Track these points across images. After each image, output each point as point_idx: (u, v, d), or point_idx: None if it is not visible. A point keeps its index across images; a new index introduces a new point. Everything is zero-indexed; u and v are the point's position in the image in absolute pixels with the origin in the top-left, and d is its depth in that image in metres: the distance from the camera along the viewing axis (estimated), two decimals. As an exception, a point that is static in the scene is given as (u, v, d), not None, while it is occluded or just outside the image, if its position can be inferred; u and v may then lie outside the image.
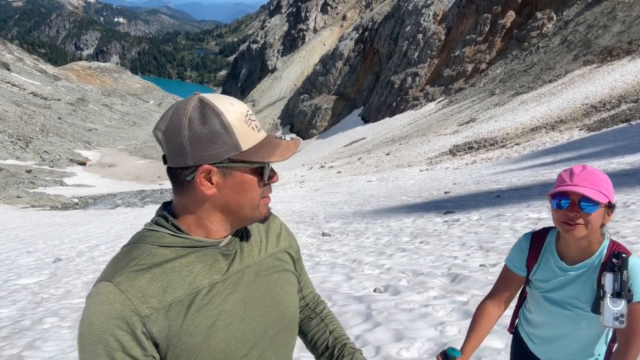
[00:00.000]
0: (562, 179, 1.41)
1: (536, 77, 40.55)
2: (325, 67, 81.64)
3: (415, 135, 42.73)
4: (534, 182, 14.39)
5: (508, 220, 8.68)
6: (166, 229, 0.97)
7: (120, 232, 16.49)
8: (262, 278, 1.06)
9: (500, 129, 32.05)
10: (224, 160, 0.94)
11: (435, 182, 20.60)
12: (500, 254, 6.08)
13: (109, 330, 0.86)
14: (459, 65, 54.39)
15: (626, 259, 1.39)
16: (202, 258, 0.97)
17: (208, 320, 0.94)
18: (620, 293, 1.36)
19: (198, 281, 0.95)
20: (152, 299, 0.90)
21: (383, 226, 10.33)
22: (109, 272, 0.92)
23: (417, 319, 3.97)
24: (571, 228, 1.38)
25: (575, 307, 1.49)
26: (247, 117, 0.95)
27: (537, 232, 1.61)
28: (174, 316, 0.91)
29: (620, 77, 30.52)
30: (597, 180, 1.37)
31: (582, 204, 1.36)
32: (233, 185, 0.96)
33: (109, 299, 0.88)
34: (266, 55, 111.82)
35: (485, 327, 1.62)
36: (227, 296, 0.98)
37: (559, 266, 1.52)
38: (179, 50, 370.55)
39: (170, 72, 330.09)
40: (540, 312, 1.61)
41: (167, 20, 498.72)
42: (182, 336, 0.91)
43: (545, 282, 1.55)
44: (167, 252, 0.95)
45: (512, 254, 1.64)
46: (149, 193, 44.41)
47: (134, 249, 0.95)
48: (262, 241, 1.12)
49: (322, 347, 1.28)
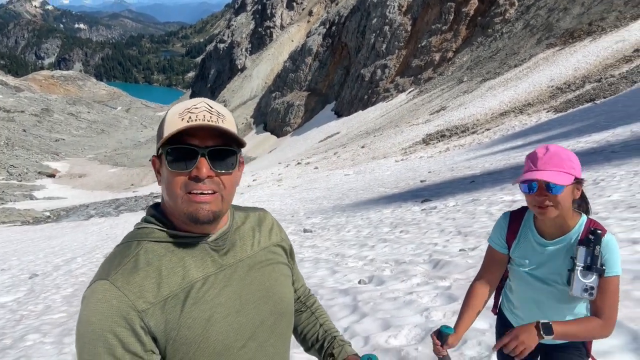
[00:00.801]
0: (528, 164, 1.48)
1: (502, 63, 41.39)
2: (295, 63, 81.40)
3: (389, 127, 43.10)
4: (506, 166, 14.75)
5: (483, 205, 8.90)
6: (154, 225, 1.00)
7: (96, 243, 16.16)
8: (256, 271, 1.09)
9: (471, 116, 32.65)
10: (157, 150, 0.99)
11: (411, 171, 20.87)
12: (479, 238, 6.24)
13: (108, 327, 0.87)
14: (426, 55, 55.02)
15: (600, 236, 1.46)
16: (192, 252, 1.00)
17: (205, 313, 0.97)
18: (591, 266, 1.44)
19: (191, 275, 0.98)
20: (148, 294, 0.92)
21: (363, 218, 10.44)
22: (104, 271, 0.94)
23: (402, 306, 4.06)
24: (543, 210, 1.46)
25: (556, 282, 1.56)
26: (187, 110, 0.96)
27: (515, 211, 1.69)
28: (171, 310, 0.93)
29: (582, 58, 31.44)
30: (560, 160, 1.43)
31: (548, 186, 1.43)
32: (162, 176, 0.99)
33: (105, 296, 0.89)
34: (234, 54, 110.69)
35: (476, 306, 1.69)
36: (221, 289, 1.00)
37: (538, 241, 1.59)
38: (144, 54, 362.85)
39: (137, 77, 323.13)
40: (522, 288, 1.69)
41: (129, 23, 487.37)
42: (181, 329, 0.93)
43: (525, 259, 1.63)
44: (158, 248, 0.98)
45: (493, 233, 1.71)
46: (123, 201, 43.53)
47: (126, 248, 0.98)
48: (255, 235, 1.14)
49: (312, 339, 1.31)
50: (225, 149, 0.98)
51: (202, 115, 0.96)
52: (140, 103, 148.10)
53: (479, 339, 3.09)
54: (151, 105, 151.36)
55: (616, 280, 1.47)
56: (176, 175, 0.95)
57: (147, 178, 62.37)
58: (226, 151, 0.98)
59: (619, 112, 18.39)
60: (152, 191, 47.01)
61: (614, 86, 23.74)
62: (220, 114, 0.99)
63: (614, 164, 9.43)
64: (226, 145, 0.98)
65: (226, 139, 0.99)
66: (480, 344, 3.05)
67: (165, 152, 0.95)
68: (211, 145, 0.96)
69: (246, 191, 39.43)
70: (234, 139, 0.99)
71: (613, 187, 7.17)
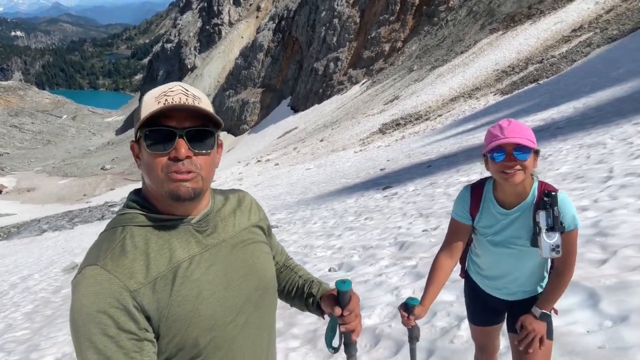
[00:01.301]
0: (494, 135, 1.58)
1: (449, 50, 42.56)
2: (246, 60, 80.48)
3: (345, 119, 43.48)
4: (459, 149, 15.26)
5: (441, 187, 9.20)
6: (137, 209, 1.02)
7: (52, 257, 15.52)
8: (239, 250, 1.13)
9: (423, 103, 33.44)
10: (135, 134, 1.01)
11: (370, 161, 21.20)
12: (439, 218, 6.46)
13: (101, 308, 0.88)
14: (376, 46, 55.77)
15: (555, 196, 1.59)
16: (177, 234, 1.03)
17: (193, 290, 1.00)
18: (553, 227, 1.56)
19: (177, 256, 1.01)
20: (138, 275, 0.94)
21: (328, 210, 10.55)
22: (92, 257, 0.96)
23: (373, 288, 4.18)
24: (510, 175, 1.56)
25: (517, 245, 1.68)
26: (163, 93, 0.98)
27: (475, 184, 1.79)
28: (161, 290, 0.96)
29: (524, 41, 32.79)
30: (523, 130, 1.56)
31: (516, 153, 1.54)
32: (142, 159, 1.01)
33: (96, 280, 0.91)
34: (183, 53, 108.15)
35: (441, 278, 1.78)
36: (207, 268, 1.04)
37: (499, 212, 1.70)
38: (87, 59, 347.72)
39: (81, 83, 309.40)
40: (487, 254, 1.80)
41: (69, 28, 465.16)
42: (172, 307, 0.97)
43: (488, 228, 1.74)
44: (143, 232, 1.00)
45: (456, 206, 1.81)
46: (77, 213, 41.81)
47: (111, 233, 1.00)
48: (236, 216, 1.18)
49: (293, 291, 1.37)
50: (203, 129, 1.00)
51: (178, 97, 0.98)
52: (87, 110, 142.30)
53: (448, 310, 3.23)
54: (98, 111, 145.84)
55: (575, 233, 1.62)
56: (156, 157, 0.97)
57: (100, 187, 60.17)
58: (204, 132, 1.01)
59: (561, 91, 19.38)
60: (106, 200, 45.45)
61: (555, 66, 24.94)
62: (195, 96, 1.01)
63: (560, 139, 9.96)
64: (203, 126, 1.01)
65: (203, 119, 1.01)
66: (449, 314, 3.19)
67: (143, 135, 0.97)
68: (189, 126, 0.98)
69: (206, 193, 38.88)
70: (211, 119, 1.02)
71: (561, 161, 7.59)
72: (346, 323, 1.16)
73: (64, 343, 5.22)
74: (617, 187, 5.12)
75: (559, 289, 1.67)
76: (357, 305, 1.19)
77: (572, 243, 1.61)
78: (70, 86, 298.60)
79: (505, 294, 1.82)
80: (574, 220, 1.60)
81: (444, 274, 1.79)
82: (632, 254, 3.22)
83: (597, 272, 3.08)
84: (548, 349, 1.70)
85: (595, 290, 2.79)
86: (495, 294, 1.85)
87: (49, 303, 8.03)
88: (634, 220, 3.93)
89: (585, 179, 6.05)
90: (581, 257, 3.38)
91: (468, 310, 2.03)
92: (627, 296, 2.61)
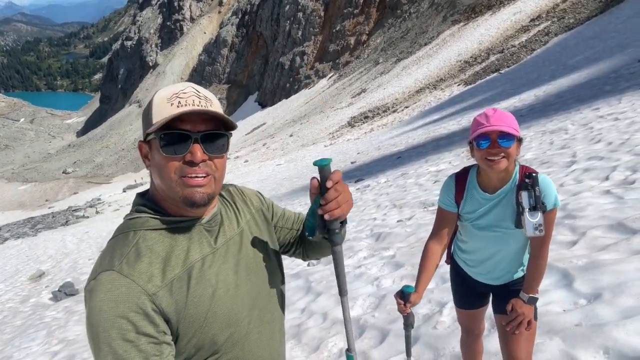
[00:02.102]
0: (479, 122, 1.62)
1: (413, 42, 43.13)
2: (210, 56, 79.25)
3: (314, 113, 43.50)
4: (427, 139, 15.52)
5: (412, 177, 9.35)
6: (146, 213, 1.02)
7: (17, 266, 14.94)
8: (246, 246, 1.15)
9: (390, 95, 33.82)
10: (145, 136, 1.00)
11: (341, 154, 21.30)
12: (412, 208, 6.57)
13: (120, 313, 0.88)
14: (342, 39, 55.92)
15: (536, 177, 1.65)
16: (189, 235, 1.03)
17: (208, 290, 1.01)
18: (535, 206, 1.62)
19: (191, 257, 1.01)
20: (156, 278, 0.95)
21: (302, 205, 10.55)
22: (107, 262, 0.95)
23: (353, 280, 4.21)
24: (494, 163, 1.60)
25: (502, 227, 1.74)
26: (175, 95, 0.98)
27: (459, 172, 1.84)
28: (178, 291, 0.97)
29: (485, 32, 33.56)
30: (508, 118, 1.60)
31: (500, 140, 1.59)
32: (153, 161, 1.01)
33: (114, 285, 0.90)
34: (144, 51, 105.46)
35: (432, 265, 1.83)
36: (220, 267, 1.06)
37: (482, 197, 1.76)
38: (43, 59, 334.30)
39: (38, 84, 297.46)
40: (472, 239, 1.86)
41: (24, 28, 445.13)
42: (189, 308, 0.98)
43: (472, 213, 1.78)
44: (155, 235, 1.00)
45: (442, 195, 1.85)
46: (40, 219, 40.33)
47: (123, 238, 0.99)
48: (236, 212, 1.19)
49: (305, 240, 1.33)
50: (216, 132, 1.00)
51: (191, 100, 0.97)
52: (45, 112, 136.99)
53: (429, 297, 3.29)
54: (58, 113, 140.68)
55: (555, 212, 1.70)
56: (170, 160, 0.97)
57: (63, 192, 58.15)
58: (217, 135, 1.01)
59: (522, 79, 19.95)
60: (69, 205, 44.06)
61: (516, 55, 25.65)
62: (207, 98, 1.00)
63: (523, 127, 10.26)
64: (216, 129, 1.01)
65: (217, 122, 1.01)
66: (430, 301, 3.26)
67: (158, 138, 0.96)
68: (203, 130, 0.98)
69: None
70: (223, 122, 1.02)
71: (525, 148, 7.82)
72: (328, 201, 0.99)
73: (38, 353, 5.05)
74: (581, 170, 5.32)
75: (539, 271, 1.73)
76: (338, 178, 1.01)
77: (551, 222, 1.68)
78: (27, 88, 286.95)
79: (490, 279, 1.88)
80: (555, 200, 1.66)
81: (434, 260, 1.84)
82: (600, 235, 3.37)
83: (568, 253, 3.20)
84: (533, 330, 1.77)
85: (568, 270, 2.90)
86: (481, 279, 1.91)
87: (18, 313, 7.75)
88: (599, 202, 4.10)
89: (550, 164, 6.27)
90: (553, 240, 3.51)
91: (454, 295, 2.09)
92: (598, 275, 2.72)
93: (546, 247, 1.71)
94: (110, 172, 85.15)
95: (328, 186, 0.99)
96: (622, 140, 5.99)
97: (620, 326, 2.18)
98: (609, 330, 2.18)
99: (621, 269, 2.70)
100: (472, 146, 1.67)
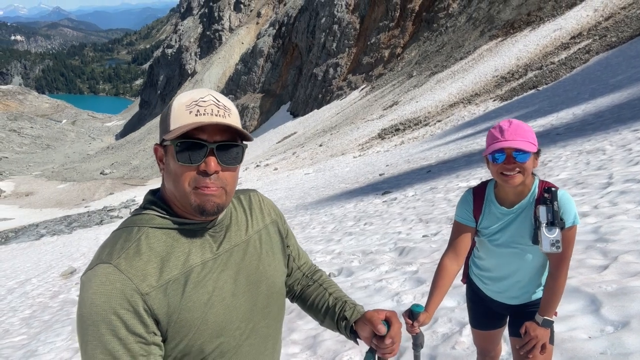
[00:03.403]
0: (494, 136, 1.59)
1: (448, 56, 42.70)
2: (246, 65, 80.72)
3: (344, 124, 43.54)
4: (459, 154, 15.28)
5: (441, 192, 9.20)
6: (154, 211, 1.02)
7: (50, 262, 15.46)
8: (251, 255, 1.12)
9: (422, 109, 33.51)
10: (161, 140, 1.01)
11: (369, 166, 21.21)
12: (439, 223, 6.46)
13: (112, 309, 0.88)
14: (376, 52, 55.95)
15: (555, 192, 1.61)
16: (192, 239, 1.03)
17: (204, 296, 1.00)
18: (553, 222, 1.57)
19: (191, 260, 1.01)
20: (151, 278, 0.94)
21: (327, 215, 10.53)
22: (105, 255, 0.95)
23: (373, 294, 4.16)
24: (509, 178, 1.57)
25: (520, 244, 1.69)
26: (194, 102, 0.98)
27: (477, 187, 1.80)
28: (172, 294, 0.96)
29: (524, 47, 32.91)
30: (524, 132, 1.56)
31: (515, 154, 1.55)
32: (167, 167, 1.01)
33: (109, 279, 0.90)
34: (183, 59, 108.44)
35: (446, 284, 1.77)
36: (219, 274, 1.04)
37: (500, 211, 1.71)
38: (87, 64, 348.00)
39: (81, 87, 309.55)
40: (490, 256, 1.80)
41: (70, 33, 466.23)
42: (182, 312, 0.96)
43: (491, 228, 1.73)
44: (159, 234, 1.00)
45: (459, 209, 1.81)
46: (75, 217, 41.72)
47: (126, 232, 0.99)
48: (248, 219, 1.17)
49: (324, 309, 1.29)
50: (232, 144, 1.01)
51: (210, 109, 0.98)
52: (86, 114, 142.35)
53: (449, 316, 3.22)
54: (98, 116, 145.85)
55: (575, 229, 1.63)
56: (185, 170, 0.98)
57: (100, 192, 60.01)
58: (233, 145, 1.01)
59: (561, 97, 19.43)
60: (105, 205, 45.40)
61: (555, 72, 25.03)
62: (227, 108, 1.01)
63: (559, 145, 9.97)
64: (232, 139, 1.01)
65: (233, 133, 1.01)
66: (451, 320, 3.18)
67: (174, 145, 0.97)
68: (219, 140, 0.99)
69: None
70: (240, 133, 1.02)
71: (560, 167, 7.59)
72: (386, 348, 1.12)
73: (61, 349, 5.19)
74: (617, 193, 5.12)
75: (557, 292, 1.66)
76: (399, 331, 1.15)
77: (570, 240, 1.62)
78: (70, 91, 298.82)
79: (507, 298, 1.82)
80: (574, 217, 1.61)
81: (448, 279, 1.78)
82: (632, 260, 3.22)
83: (598, 277, 3.07)
84: (549, 354, 1.70)
85: (596, 296, 2.78)
86: (498, 298, 1.85)
87: (47, 308, 8.00)
88: (634, 226, 3.92)
89: (585, 185, 6.05)
90: (582, 263, 3.38)
91: (470, 315, 2.03)
92: (628, 302, 2.60)
93: (564, 266, 1.64)
94: (146, 174, 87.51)
95: (387, 342, 1.11)
96: (663, 163, 5.74)
97: (648, 358, 2.07)
98: (636, 361, 2.07)
99: (653, 297, 2.57)
100: (488, 160, 1.63)
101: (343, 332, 1.25)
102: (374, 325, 1.13)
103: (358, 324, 1.20)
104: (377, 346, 1.14)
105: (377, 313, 1.15)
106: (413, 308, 1.71)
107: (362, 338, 1.19)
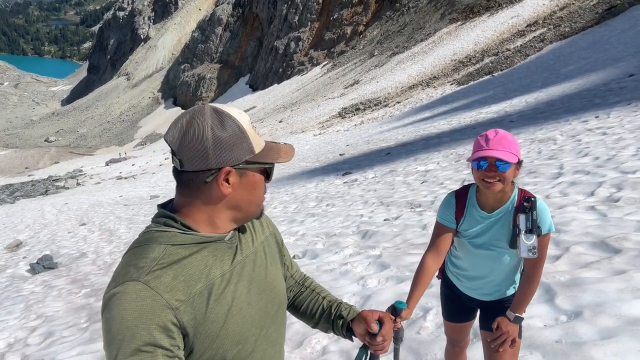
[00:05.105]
0: (480, 144, 1.67)
1: (409, 37, 43.07)
2: (204, 33, 78.01)
3: (305, 101, 43.30)
4: (417, 137, 15.61)
5: (400, 175, 9.42)
6: (176, 228, 1.06)
7: (-6, 234, 14.69)
8: (259, 266, 1.19)
9: (382, 89, 33.81)
10: (241, 162, 1.05)
11: (330, 145, 21.29)
12: (400, 207, 6.63)
13: (142, 324, 0.92)
14: (338, 28, 55.55)
15: (535, 202, 1.73)
16: (213, 252, 1.08)
17: (224, 307, 1.06)
18: (532, 229, 1.70)
19: (212, 273, 1.06)
20: (179, 293, 0.98)
21: (288, 194, 10.55)
22: (132, 273, 0.97)
23: (339, 277, 4.25)
24: (490, 184, 1.67)
25: (497, 246, 1.81)
26: (252, 123, 1.10)
27: (459, 190, 1.89)
28: (198, 307, 1.01)
29: (482, 33, 33.68)
30: (507, 143, 1.65)
31: (498, 164, 1.63)
32: (246, 185, 1.09)
33: (139, 295, 0.93)
34: (136, 23, 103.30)
35: (427, 281, 1.87)
36: (235, 284, 1.10)
37: (481, 215, 1.82)
38: (32, 23, 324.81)
39: (25, 48, 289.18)
40: (467, 256, 1.91)
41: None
42: (206, 324, 1.02)
43: (470, 231, 1.83)
44: (182, 250, 1.03)
45: (441, 211, 1.89)
46: (18, 187, 39.59)
47: (149, 250, 1.02)
48: (252, 231, 1.24)
49: (318, 312, 1.39)
50: None
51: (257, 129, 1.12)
52: (30, 77, 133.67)
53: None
54: (43, 79, 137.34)
55: (549, 236, 1.78)
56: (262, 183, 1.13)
57: (44, 160, 57.03)
58: None
59: (514, 84, 20.14)
60: (50, 174, 43.30)
61: (510, 59, 25.83)
62: None
63: (513, 133, 10.35)
64: None
65: None
66: (415, 306, 3.31)
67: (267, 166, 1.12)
68: None
69: (158, 170, 37.70)
70: None
71: (514, 155, 7.92)
72: (378, 345, 1.26)
73: (15, 327, 5.00)
74: (568, 184, 5.43)
75: (530, 292, 1.80)
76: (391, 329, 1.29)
77: (545, 245, 1.76)
78: (13, 51, 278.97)
79: (480, 294, 1.94)
80: (550, 225, 1.74)
81: (429, 277, 1.87)
82: (582, 251, 3.45)
83: (552, 267, 3.28)
84: (517, 347, 1.83)
85: (551, 285, 2.97)
86: (471, 294, 1.96)
87: (-7, 285, 7.63)
88: (584, 217, 4.20)
89: (537, 174, 6.38)
90: (537, 252, 3.59)
91: (443, 308, 2.14)
92: (580, 292, 2.80)
93: (539, 269, 1.78)
94: (94, 143, 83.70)
95: (379, 339, 1.25)
96: (609, 157, 6.12)
97: (598, 346, 2.26)
98: (588, 349, 2.26)
99: (602, 288, 2.78)
100: (472, 166, 1.72)
101: (339, 330, 1.36)
102: (368, 324, 1.25)
103: (353, 322, 1.32)
104: (369, 343, 1.27)
105: (371, 313, 1.28)
106: (396, 305, 1.78)
107: (356, 335, 1.31)
